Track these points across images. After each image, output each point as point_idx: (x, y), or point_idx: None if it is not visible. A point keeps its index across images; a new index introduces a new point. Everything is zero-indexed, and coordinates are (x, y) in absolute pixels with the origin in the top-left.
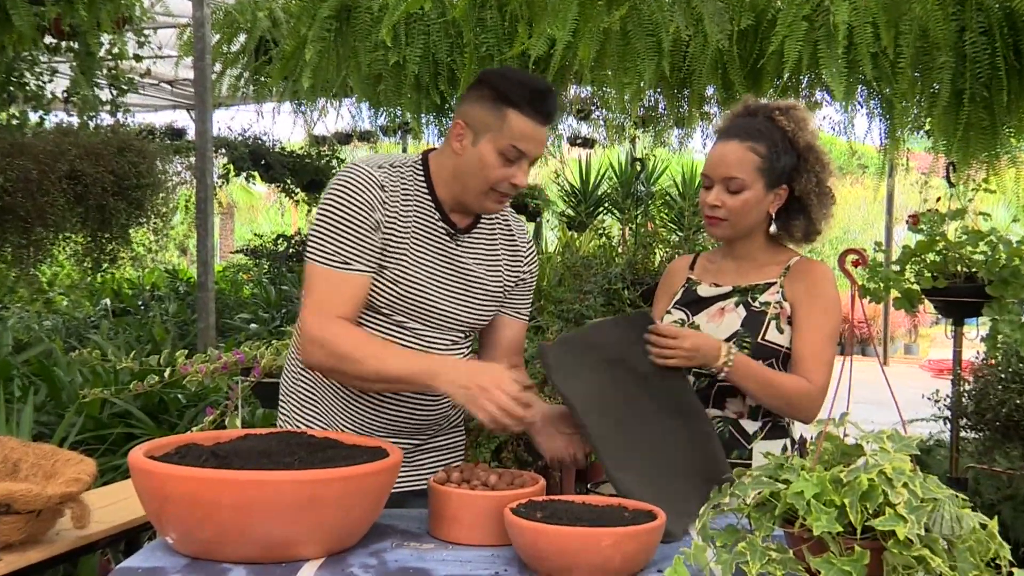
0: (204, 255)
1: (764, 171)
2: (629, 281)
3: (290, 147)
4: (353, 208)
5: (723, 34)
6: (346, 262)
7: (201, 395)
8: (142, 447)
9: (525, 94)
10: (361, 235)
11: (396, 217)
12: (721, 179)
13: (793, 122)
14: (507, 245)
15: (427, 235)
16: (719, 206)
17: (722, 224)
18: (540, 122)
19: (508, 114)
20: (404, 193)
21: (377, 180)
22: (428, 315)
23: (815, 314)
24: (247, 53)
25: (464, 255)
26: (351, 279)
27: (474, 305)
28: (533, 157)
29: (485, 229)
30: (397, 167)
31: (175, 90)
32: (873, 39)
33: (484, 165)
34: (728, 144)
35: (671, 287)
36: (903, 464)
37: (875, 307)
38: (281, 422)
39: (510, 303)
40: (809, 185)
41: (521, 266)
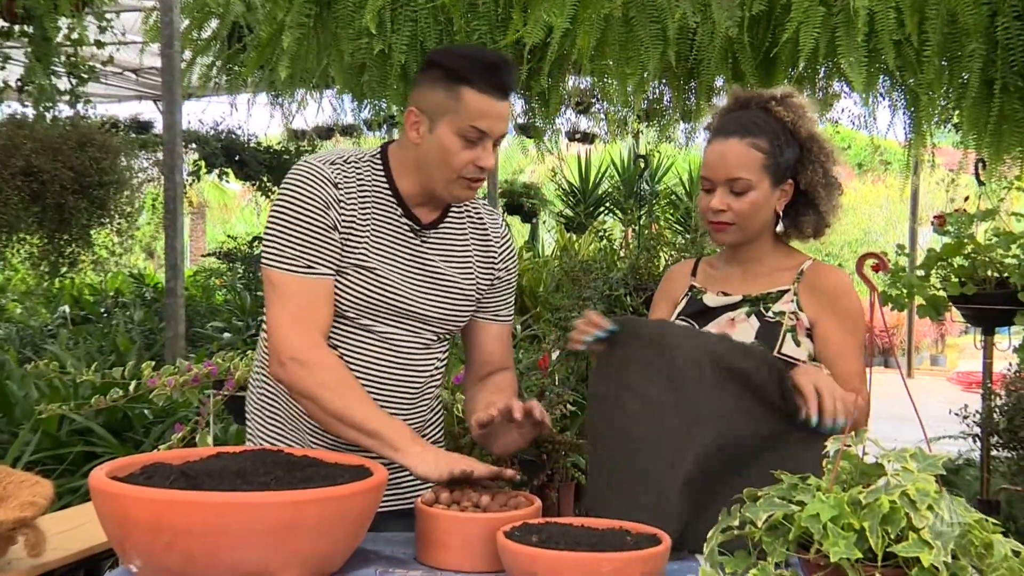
0: (173, 258)
1: (769, 168)
2: (632, 287)
3: (266, 142)
4: (308, 208)
5: (733, 21)
6: (310, 266)
7: (169, 410)
8: (104, 467)
9: (477, 68)
10: (320, 236)
11: (353, 215)
12: (724, 181)
13: (792, 112)
14: (479, 242)
15: (389, 232)
16: (724, 210)
17: (729, 229)
18: (498, 97)
19: (462, 92)
20: (361, 189)
21: (329, 177)
22: (395, 316)
23: (842, 331)
24: (219, 40)
25: (430, 252)
26: (318, 284)
27: (445, 304)
28: (496, 135)
29: (454, 224)
30: (352, 162)
31: (140, 79)
32: (896, 25)
33: (445, 151)
34: (727, 142)
35: (671, 295)
36: (928, 485)
37: (898, 315)
38: (249, 440)
39: (487, 305)
40: (815, 177)
41: (495, 263)
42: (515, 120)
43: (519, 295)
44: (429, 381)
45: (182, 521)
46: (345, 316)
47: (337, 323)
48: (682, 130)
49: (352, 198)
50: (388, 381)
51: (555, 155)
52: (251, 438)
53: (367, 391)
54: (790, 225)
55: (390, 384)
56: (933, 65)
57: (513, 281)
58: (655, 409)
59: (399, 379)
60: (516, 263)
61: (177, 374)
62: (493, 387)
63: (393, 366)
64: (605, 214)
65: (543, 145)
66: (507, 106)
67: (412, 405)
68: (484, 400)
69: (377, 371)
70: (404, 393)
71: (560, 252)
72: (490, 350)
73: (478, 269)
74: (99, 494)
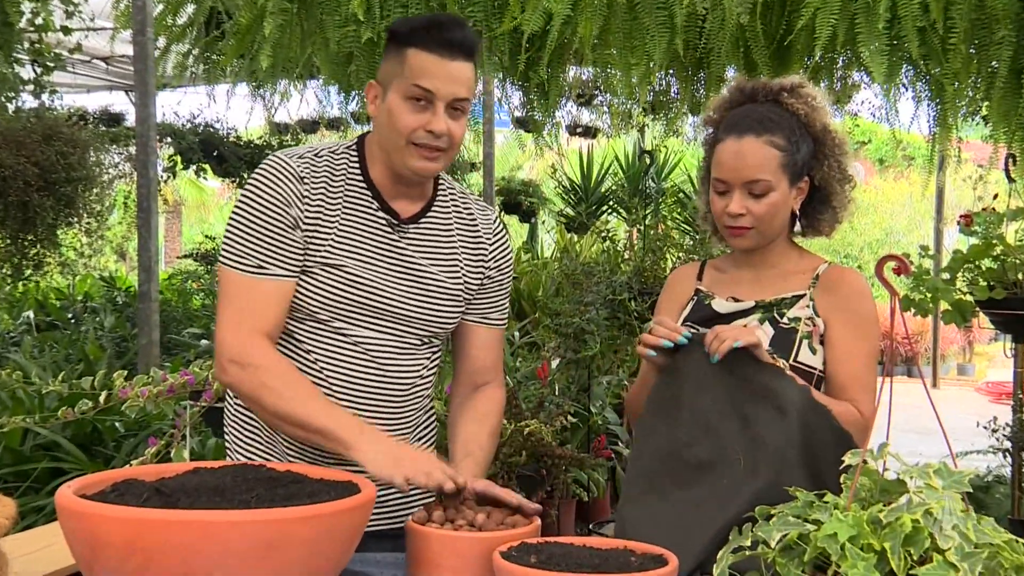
0: (146, 260)
1: (787, 166)
2: (636, 291)
3: (247, 136)
4: (266, 205)
5: (745, 7)
6: (260, 266)
7: (142, 423)
8: (72, 484)
9: (422, 28)
10: (277, 235)
11: (320, 210)
12: (743, 183)
13: (805, 103)
14: (467, 237)
15: (363, 227)
16: (743, 214)
17: (748, 234)
18: (442, 55)
19: (407, 54)
20: (331, 183)
21: (295, 171)
22: (372, 318)
23: (852, 334)
24: (196, 26)
25: (410, 248)
26: (268, 286)
27: (428, 305)
28: (445, 96)
29: (438, 219)
30: (324, 155)
31: (111, 68)
32: (920, 11)
33: (393, 116)
34: (743, 141)
35: (676, 300)
36: (953, 503)
37: (922, 321)
38: (227, 454)
39: (476, 306)
40: (831, 172)
41: (485, 261)
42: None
43: (516, 299)
44: (414, 389)
45: (156, 542)
46: (317, 318)
47: (309, 326)
48: (690, 124)
49: (319, 193)
50: (367, 389)
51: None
52: (230, 452)
53: (345, 401)
54: (808, 225)
55: (370, 392)
56: (960, 53)
57: (506, 282)
58: (722, 438)
59: (379, 387)
60: (511, 262)
61: (151, 384)
62: (476, 415)
63: (372, 372)
64: (608, 213)
65: (542, 140)
66: (459, 67)
67: (397, 416)
68: (464, 433)
69: (355, 378)
70: (386, 402)
71: (560, 254)
72: (478, 357)
73: (466, 267)
74: (67, 513)
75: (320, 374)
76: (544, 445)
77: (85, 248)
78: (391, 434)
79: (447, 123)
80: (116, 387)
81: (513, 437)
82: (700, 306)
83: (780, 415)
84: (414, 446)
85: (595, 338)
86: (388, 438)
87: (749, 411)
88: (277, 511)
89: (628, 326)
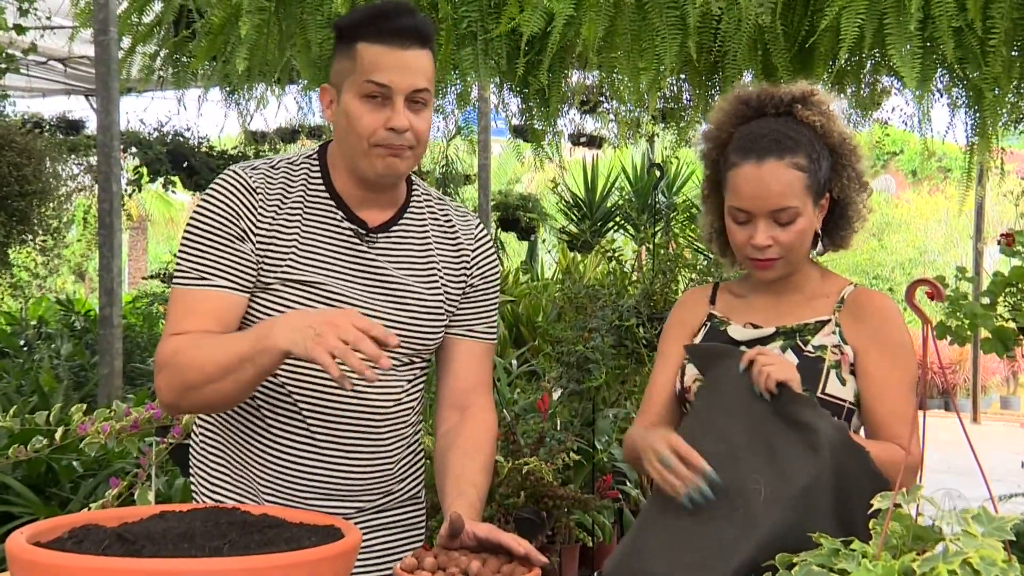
0: (108, 281)
1: (811, 188)
2: (645, 316)
3: (220, 146)
4: (213, 217)
5: (764, 6)
6: (202, 277)
7: (102, 462)
8: (25, 530)
9: (367, 19)
10: (221, 247)
11: (275, 223)
12: (768, 212)
13: (820, 114)
14: (445, 244)
15: (327, 240)
16: (771, 245)
17: (776, 264)
18: (394, 44)
19: (356, 49)
20: (288, 194)
21: (247, 184)
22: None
23: (887, 364)
24: (164, 25)
25: (381, 258)
26: (207, 296)
27: (405, 320)
28: (403, 89)
29: (411, 226)
30: (281, 168)
31: (70, 71)
32: (956, 10)
33: (350, 118)
34: (765, 167)
35: (687, 326)
36: (994, 553)
37: (960, 350)
38: (194, 496)
39: (460, 318)
40: (850, 184)
41: (467, 270)
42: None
43: (514, 324)
44: (392, 414)
45: None
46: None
47: None
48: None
49: (273, 205)
50: (341, 413)
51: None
52: (196, 494)
53: (319, 427)
54: (831, 241)
55: (345, 416)
56: (1000, 56)
57: (492, 291)
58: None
59: (355, 411)
60: (496, 269)
61: (112, 418)
62: (467, 446)
63: (346, 396)
64: (614, 231)
65: (542, 150)
66: (414, 56)
67: (377, 444)
68: (455, 468)
69: (328, 402)
70: (364, 427)
71: (562, 275)
72: (462, 373)
73: (444, 276)
74: (18, 563)
75: (288, 398)
76: (544, 485)
77: (40, 268)
78: (372, 468)
79: (409, 118)
80: (74, 422)
81: (510, 476)
82: (714, 333)
83: (812, 452)
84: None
85: (600, 368)
86: (304, 313)
87: (777, 443)
88: (252, 559)
89: (636, 354)
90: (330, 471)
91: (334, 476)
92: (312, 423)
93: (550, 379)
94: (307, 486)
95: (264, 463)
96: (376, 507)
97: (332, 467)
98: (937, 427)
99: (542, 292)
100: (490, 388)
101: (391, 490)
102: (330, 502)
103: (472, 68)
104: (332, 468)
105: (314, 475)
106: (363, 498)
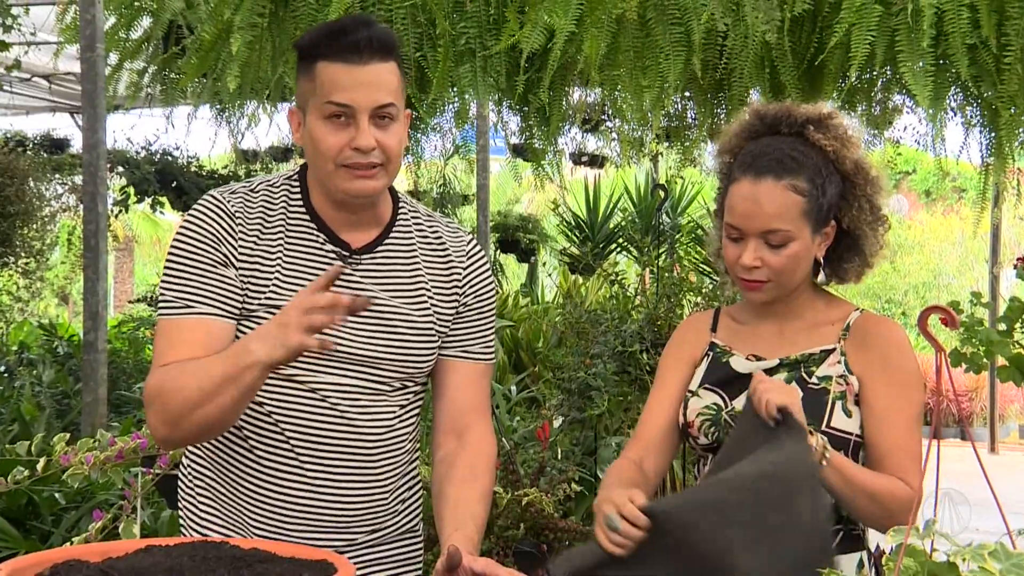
0: (93, 305)
1: (810, 213)
2: (649, 342)
3: (210, 165)
4: (194, 244)
5: (771, 23)
6: (187, 304)
7: (86, 494)
8: (4, 567)
9: (325, 36)
10: (204, 272)
11: (258, 249)
12: (758, 233)
13: (834, 138)
14: (434, 263)
15: (310, 263)
16: (758, 266)
17: (765, 287)
18: (352, 61)
19: (316, 69)
20: (267, 218)
21: (226, 208)
22: (329, 361)
23: (893, 394)
24: (153, 41)
25: (365, 280)
26: (193, 324)
27: (394, 344)
28: (368, 107)
29: (398, 246)
30: (261, 190)
31: (55, 88)
32: (970, 27)
33: (315, 140)
34: (760, 185)
35: (688, 355)
36: None
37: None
38: (182, 529)
39: (454, 339)
40: (862, 215)
41: (459, 288)
42: (509, 140)
43: (514, 349)
44: (384, 441)
45: None
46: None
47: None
48: (709, 152)
49: (254, 230)
50: (331, 441)
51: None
52: (184, 527)
53: (309, 457)
54: (832, 273)
55: (334, 444)
56: (1016, 74)
57: (487, 310)
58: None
59: (344, 437)
60: (490, 287)
61: (97, 448)
62: (464, 473)
63: (334, 422)
64: (617, 253)
65: (542, 170)
66: (375, 71)
67: (368, 475)
68: (453, 498)
69: (317, 430)
70: (354, 456)
71: (563, 298)
72: (458, 396)
73: (434, 297)
74: None
75: (276, 427)
76: (545, 517)
77: (22, 291)
78: (365, 501)
79: (375, 135)
80: (56, 452)
81: (510, 507)
82: (716, 365)
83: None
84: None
85: (602, 395)
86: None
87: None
88: None
89: (639, 381)
90: (320, 502)
91: (324, 507)
92: (300, 451)
93: (551, 407)
94: (297, 517)
95: (252, 493)
96: (370, 541)
97: (322, 497)
98: (953, 457)
99: (542, 316)
100: (488, 411)
101: (386, 522)
102: (321, 534)
103: (471, 85)
104: (322, 498)
105: (304, 506)
106: (356, 530)
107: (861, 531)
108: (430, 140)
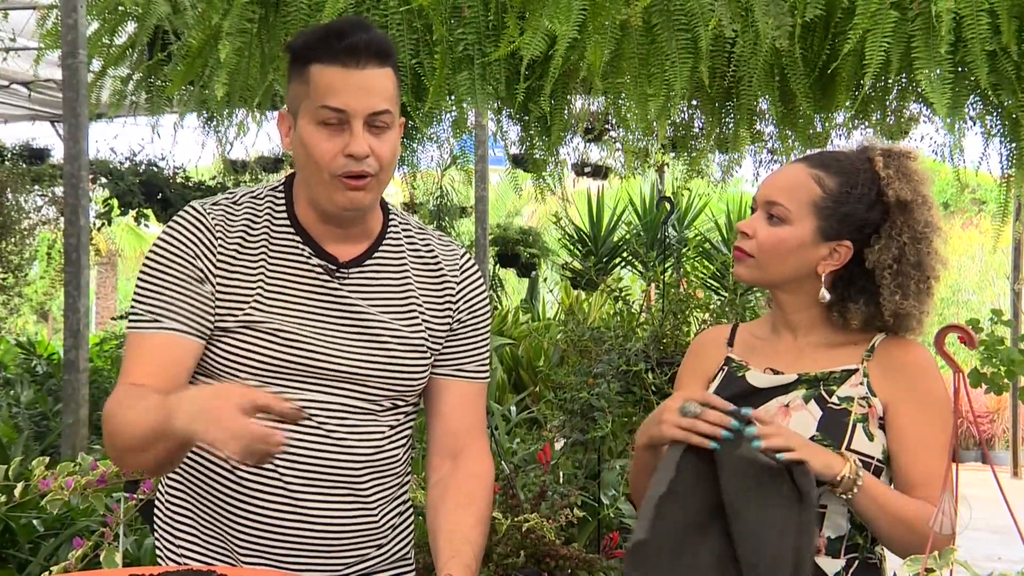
0: (74, 322)
1: (821, 210)
2: (655, 361)
3: (197, 176)
4: (168, 258)
5: (781, 29)
6: (155, 319)
7: (66, 520)
8: None
9: (319, 39)
10: (176, 287)
11: (238, 263)
12: (764, 202)
13: (894, 168)
14: (426, 278)
15: (295, 278)
16: (749, 235)
17: (748, 262)
18: (348, 64)
19: (310, 72)
20: (250, 232)
21: (205, 222)
22: (313, 379)
23: (924, 421)
24: (138, 47)
25: (354, 296)
26: (158, 341)
27: (384, 361)
28: (363, 112)
29: (387, 260)
30: (244, 202)
31: (35, 95)
32: (989, 33)
33: (307, 146)
34: (792, 165)
35: (702, 370)
36: None
37: (997, 398)
38: (159, 559)
39: (448, 357)
40: (885, 257)
41: (452, 304)
42: (509, 150)
43: (514, 368)
44: (373, 462)
45: None
46: (250, 384)
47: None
48: (717, 163)
49: (234, 244)
50: (316, 461)
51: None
52: (160, 556)
53: (295, 479)
54: (835, 308)
55: (321, 466)
56: None
57: (481, 327)
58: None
59: (330, 458)
60: (485, 302)
61: (77, 473)
62: (459, 497)
63: (320, 442)
64: (621, 268)
65: (543, 181)
66: (371, 76)
67: (356, 499)
68: (448, 524)
69: (302, 451)
70: (341, 478)
71: (565, 315)
72: (453, 416)
73: (426, 312)
74: None
75: None
76: (546, 544)
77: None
78: (353, 526)
79: (369, 142)
80: (35, 477)
81: (509, 534)
82: (731, 379)
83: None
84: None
85: (606, 416)
86: (198, 393)
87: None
88: None
89: (644, 402)
90: (306, 526)
91: (310, 531)
92: (285, 472)
93: (552, 428)
94: (282, 542)
95: (235, 518)
96: (362, 569)
97: (308, 521)
98: (974, 482)
99: (543, 333)
100: (484, 432)
101: (375, 548)
102: (308, 559)
103: (469, 94)
104: (308, 522)
105: (289, 530)
106: (344, 555)
107: (878, 560)
108: (426, 150)
